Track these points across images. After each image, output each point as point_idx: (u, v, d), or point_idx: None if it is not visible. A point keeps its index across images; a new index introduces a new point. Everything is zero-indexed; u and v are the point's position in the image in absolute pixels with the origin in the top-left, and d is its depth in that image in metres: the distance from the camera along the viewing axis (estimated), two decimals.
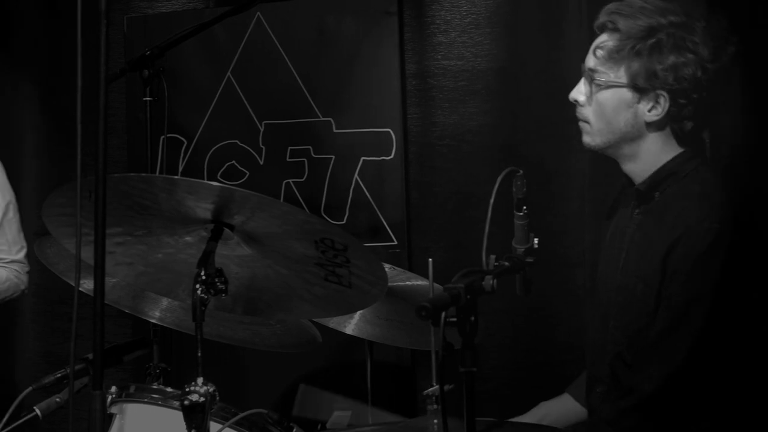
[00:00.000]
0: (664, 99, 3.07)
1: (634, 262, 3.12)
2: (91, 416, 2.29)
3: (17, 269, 4.49)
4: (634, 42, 3.06)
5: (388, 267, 3.79)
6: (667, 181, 3.11)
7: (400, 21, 4.96)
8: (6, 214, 4.51)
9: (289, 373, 5.01)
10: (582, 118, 3.21)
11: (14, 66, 5.60)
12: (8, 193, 4.57)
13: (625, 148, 3.17)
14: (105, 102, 2.34)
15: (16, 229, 4.53)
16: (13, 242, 4.51)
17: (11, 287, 4.48)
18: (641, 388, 3.01)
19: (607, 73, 3.12)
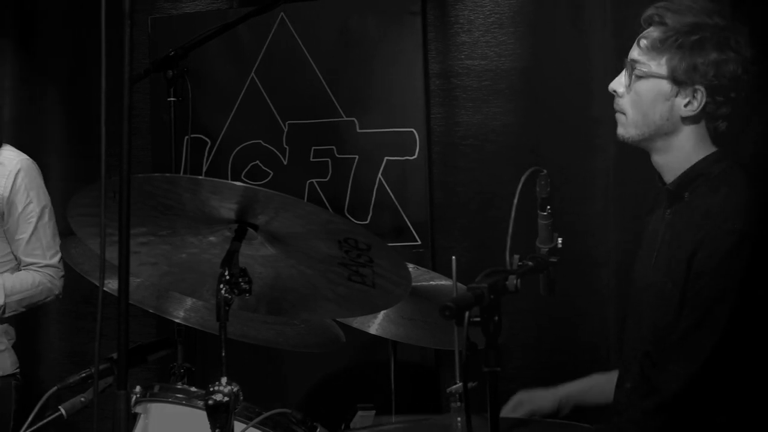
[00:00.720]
0: (701, 94, 3.06)
1: (664, 261, 3.12)
2: (116, 416, 2.29)
3: (51, 274, 4.49)
4: (678, 36, 3.05)
5: (412, 267, 3.79)
6: (697, 181, 3.10)
7: (423, 21, 4.96)
8: (41, 218, 4.51)
9: (313, 373, 5.02)
10: (619, 109, 3.20)
11: (39, 67, 5.63)
12: (44, 197, 4.57)
13: (659, 142, 3.15)
14: (129, 103, 2.35)
15: (51, 234, 4.54)
16: (47, 247, 4.51)
17: (44, 291, 4.49)
18: (665, 387, 3.00)
19: (648, 64, 3.11)
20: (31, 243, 4.48)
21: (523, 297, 2.48)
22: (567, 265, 2.79)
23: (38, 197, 4.53)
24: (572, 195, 4.61)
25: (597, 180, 4.67)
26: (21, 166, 4.51)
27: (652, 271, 3.15)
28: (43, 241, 4.51)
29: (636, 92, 3.14)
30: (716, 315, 2.94)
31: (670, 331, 3.02)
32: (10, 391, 4.52)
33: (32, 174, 4.55)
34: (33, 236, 4.48)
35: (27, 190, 4.47)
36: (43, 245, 4.51)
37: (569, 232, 2.81)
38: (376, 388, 4.28)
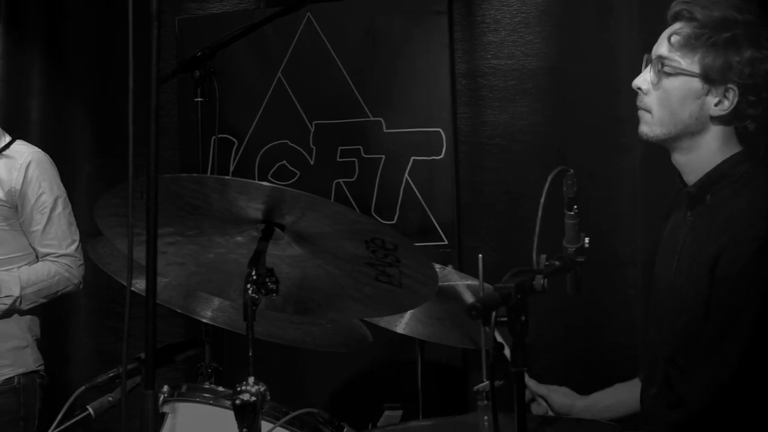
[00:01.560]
0: (733, 93, 3.00)
1: (686, 265, 3.08)
2: (144, 415, 2.30)
3: (68, 263, 4.51)
4: (710, 32, 2.99)
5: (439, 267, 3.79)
6: (720, 183, 3.05)
7: (449, 20, 4.96)
8: (54, 208, 4.53)
9: (339, 373, 5.03)
10: (643, 106, 3.14)
11: (66, 68, 5.65)
12: (57, 188, 4.59)
13: (685, 141, 3.09)
14: (156, 103, 2.36)
15: (66, 224, 4.56)
16: (62, 237, 4.53)
17: (61, 281, 4.51)
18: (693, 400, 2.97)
19: (679, 61, 3.04)
20: (45, 234, 4.50)
21: (549, 297, 2.48)
22: (594, 265, 2.78)
23: (51, 188, 4.55)
24: (599, 194, 4.60)
25: (624, 179, 4.66)
26: (32, 158, 4.54)
27: (674, 275, 3.12)
28: (57, 231, 4.53)
29: (664, 90, 3.08)
30: (741, 324, 2.90)
31: (696, 338, 2.99)
32: (35, 389, 4.53)
33: (43, 165, 4.57)
34: (47, 227, 4.51)
35: (39, 181, 4.49)
36: (59, 235, 4.53)
37: (596, 232, 2.81)
38: (403, 388, 4.28)
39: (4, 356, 4.47)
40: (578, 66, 4.78)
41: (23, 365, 4.51)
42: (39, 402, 4.54)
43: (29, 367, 4.53)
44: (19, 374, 4.49)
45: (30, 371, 4.54)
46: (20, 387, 4.48)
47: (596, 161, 4.67)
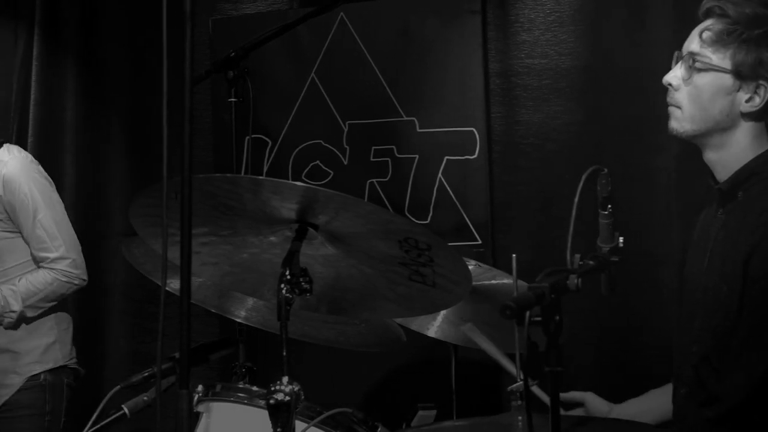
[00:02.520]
0: (764, 90, 2.99)
1: (718, 263, 3.06)
2: (178, 415, 2.31)
3: (62, 267, 4.45)
4: (742, 29, 2.98)
5: (473, 264, 3.78)
6: (750, 180, 3.03)
7: (483, 20, 4.95)
8: (37, 211, 4.46)
9: (373, 372, 5.03)
10: (673, 102, 3.12)
11: (100, 69, 5.68)
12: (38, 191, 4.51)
13: (715, 138, 3.08)
14: (190, 104, 2.36)
15: (53, 225, 4.48)
16: (51, 238, 4.47)
17: (61, 286, 4.47)
18: (727, 397, 2.96)
19: (710, 57, 3.03)
20: (34, 238, 4.47)
21: (584, 296, 2.47)
22: (628, 265, 2.77)
23: (31, 192, 4.48)
24: (634, 194, 4.59)
25: (659, 178, 4.64)
26: (8, 166, 4.48)
27: (706, 273, 3.10)
28: (44, 234, 4.47)
29: (695, 86, 3.06)
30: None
31: (730, 337, 2.97)
32: (62, 387, 4.55)
33: (21, 171, 4.50)
34: (34, 231, 4.46)
35: (19, 186, 4.45)
36: (46, 238, 4.47)
37: (630, 231, 2.79)
38: (437, 388, 4.28)
39: (32, 353, 4.50)
40: (612, 65, 4.76)
41: (51, 361, 4.53)
42: (65, 401, 4.56)
43: (58, 362, 4.54)
44: (47, 371, 4.50)
45: (59, 366, 4.55)
46: (46, 384, 4.50)
47: (631, 160, 4.65)
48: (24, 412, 4.47)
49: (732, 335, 2.96)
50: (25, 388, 4.47)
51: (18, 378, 4.47)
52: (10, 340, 4.48)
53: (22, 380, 4.47)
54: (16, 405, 4.46)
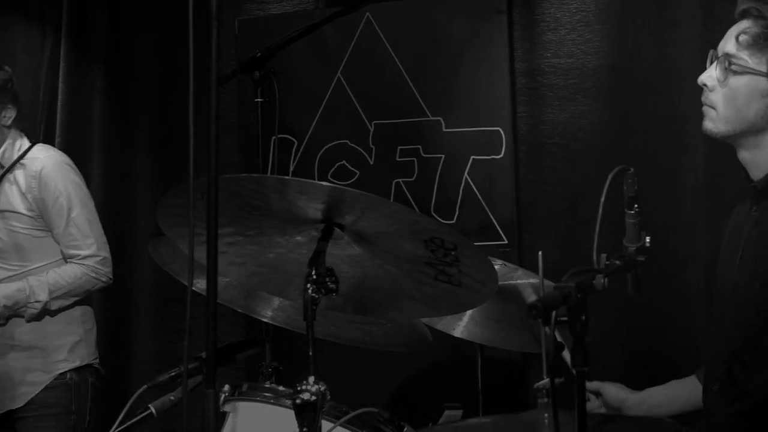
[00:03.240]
0: None
1: (751, 260, 3.05)
2: (205, 414, 2.31)
3: (93, 264, 4.53)
4: None
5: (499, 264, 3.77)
6: None
7: (509, 19, 4.94)
8: (72, 210, 4.53)
9: (399, 372, 5.03)
10: (708, 103, 3.11)
11: (127, 69, 5.70)
12: (74, 189, 4.59)
13: (749, 138, 3.07)
14: (216, 104, 2.37)
15: (86, 224, 4.56)
16: (83, 236, 4.54)
17: (89, 281, 4.54)
18: (755, 392, 2.95)
19: (746, 60, 3.02)
20: (66, 235, 4.52)
21: (610, 296, 2.46)
22: (655, 264, 2.76)
23: (66, 190, 4.54)
24: (660, 193, 4.57)
25: (685, 178, 4.63)
26: (45, 163, 4.55)
27: (738, 270, 3.09)
28: (77, 232, 4.53)
29: (731, 88, 3.05)
30: None
31: (760, 335, 2.96)
32: (87, 386, 4.57)
33: (56, 169, 4.57)
34: (67, 229, 4.52)
35: (54, 185, 4.51)
36: (79, 236, 4.54)
37: (657, 231, 2.79)
38: (463, 387, 4.28)
39: (60, 351, 4.52)
40: (639, 64, 4.75)
41: (78, 359, 4.56)
42: (90, 401, 4.58)
43: (84, 360, 4.59)
44: (73, 369, 4.52)
45: (84, 364, 4.58)
46: (72, 383, 4.53)
47: (657, 160, 4.64)
48: (51, 410, 4.49)
49: (762, 333, 2.95)
50: (51, 387, 4.50)
51: (45, 376, 4.50)
52: (37, 337, 4.51)
53: (50, 378, 4.50)
54: (43, 403, 4.49)
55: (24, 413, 4.50)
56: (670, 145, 4.64)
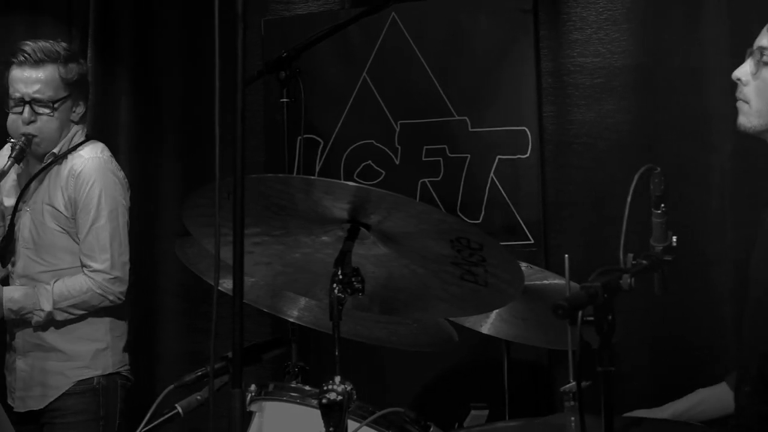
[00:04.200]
0: None
1: None
2: (231, 414, 2.32)
3: (101, 280, 4.41)
4: None
5: (525, 265, 3.77)
6: None
7: (535, 19, 4.93)
8: (97, 219, 4.44)
9: (425, 372, 5.02)
10: (742, 97, 3.10)
11: (153, 69, 5.71)
12: (105, 200, 4.47)
13: None
14: (242, 104, 2.37)
15: (106, 237, 4.44)
16: (101, 250, 4.43)
17: (94, 297, 4.43)
18: None
19: None
20: (85, 243, 4.44)
21: (637, 296, 2.46)
22: (682, 264, 2.75)
23: (99, 198, 4.45)
24: (687, 193, 4.55)
25: (713, 177, 4.61)
26: (85, 164, 4.47)
27: None
28: (95, 243, 4.43)
29: (763, 80, 3.04)
30: None
31: None
32: (116, 389, 4.53)
33: (96, 173, 4.48)
34: (87, 236, 4.44)
35: (89, 188, 4.43)
36: (95, 247, 4.43)
37: (684, 231, 2.78)
38: (490, 387, 4.27)
39: (82, 357, 4.48)
40: (665, 63, 4.73)
41: (101, 367, 4.50)
42: (121, 403, 4.54)
43: (107, 369, 4.51)
44: (98, 375, 4.51)
45: (108, 373, 4.53)
46: (100, 387, 4.48)
47: (684, 159, 4.62)
48: (78, 417, 4.46)
49: None
50: (76, 392, 4.46)
51: (65, 380, 4.46)
52: (62, 340, 4.49)
53: (70, 383, 4.46)
54: (70, 410, 4.46)
55: (51, 419, 4.47)
56: (697, 144, 4.62)
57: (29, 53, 4.41)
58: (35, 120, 4.40)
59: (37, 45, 4.44)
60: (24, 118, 4.39)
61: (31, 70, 4.41)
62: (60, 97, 4.43)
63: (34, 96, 4.39)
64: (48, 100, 4.41)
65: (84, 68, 4.58)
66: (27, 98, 4.40)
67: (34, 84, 4.40)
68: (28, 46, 4.43)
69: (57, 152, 4.49)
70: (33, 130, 4.41)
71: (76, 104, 4.51)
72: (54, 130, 4.45)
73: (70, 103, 4.48)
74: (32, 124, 4.41)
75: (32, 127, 4.41)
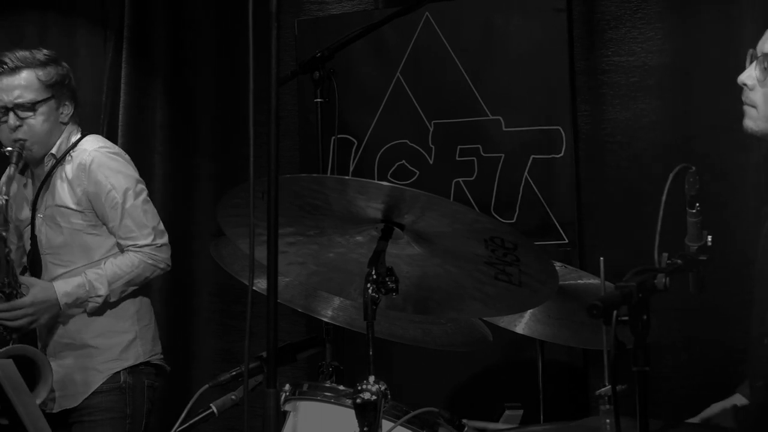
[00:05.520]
0: None
1: None
2: (266, 413, 2.33)
3: (150, 251, 4.51)
4: None
5: (559, 265, 3.76)
6: None
7: (569, 18, 4.92)
8: (125, 201, 4.49)
9: (459, 372, 5.02)
10: (749, 102, 3.12)
11: (188, 71, 5.73)
12: (125, 180, 4.53)
13: None
14: (276, 104, 2.38)
15: (140, 213, 4.52)
16: (139, 227, 4.50)
17: (147, 269, 4.52)
18: None
19: None
20: (122, 228, 4.49)
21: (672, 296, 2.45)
22: (717, 264, 2.74)
23: (118, 182, 4.50)
24: (723, 192, 4.53)
25: (748, 176, 4.58)
26: (93, 156, 4.51)
27: None
28: (132, 223, 4.50)
29: None
30: None
31: None
32: (142, 389, 4.55)
33: (106, 161, 4.53)
34: (123, 221, 4.49)
35: (105, 177, 4.47)
36: (134, 227, 4.50)
37: (719, 230, 2.77)
38: (524, 388, 4.26)
39: (113, 350, 4.52)
40: (700, 61, 4.71)
41: (132, 358, 4.53)
42: (147, 402, 4.56)
43: (138, 359, 4.55)
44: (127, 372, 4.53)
45: (139, 363, 4.57)
46: (126, 387, 4.51)
47: (719, 158, 4.60)
48: (105, 415, 4.49)
49: None
50: (103, 391, 4.48)
51: (99, 375, 4.49)
52: (91, 336, 4.51)
53: (104, 377, 4.48)
54: (97, 408, 4.48)
55: (80, 417, 4.50)
56: (732, 143, 4.59)
57: (5, 62, 4.48)
58: (21, 124, 4.46)
59: (13, 54, 4.51)
60: (10, 125, 4.46)
61: (9, 78, 4.47)
62: (41, 98, 4.48)
63: (16, 101, 4.45)
64: (29, 103, 4.46)
65: (64, 70, 4.61)
66: (9, 105, 4.46)
67: (14, 90, 4.46)
68: (4, 56, 4.50)
69: (56, 153, 4.53)
70: (22, 135, 4.47)
71: (62, 105, 4.56)
72: (43, 132, 4.50)
73: (54, 103, 4.53)
74: (19, 129, 4.46)
75: (20, 132, 4.47)
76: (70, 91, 4.61)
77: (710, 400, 3.61)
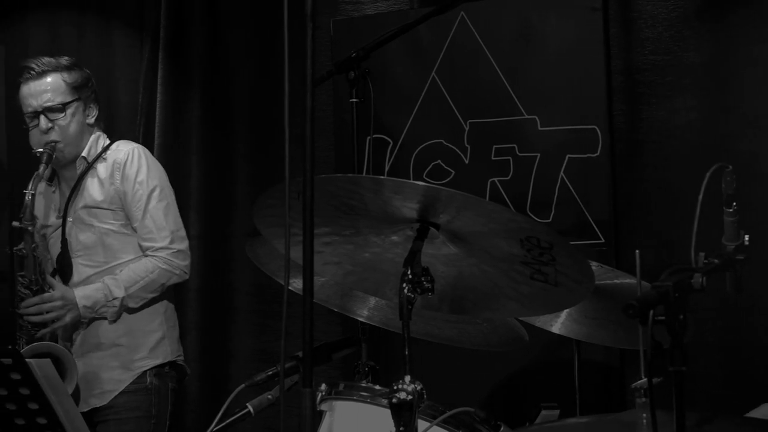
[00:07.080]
0: None
1: None
2: (302, 413, 2.33)
3: (166, 256, 4.51)
4: None
5: (595, 265, 3.75)
6: None
7: (605, 17, 4.90)
8: (149, 201, 4.53)
9: (495, 372, 5.01)
10: None
11: (225, 71, 5.75)
12: (152, 180, 4.57)
13: None
14: (311, 104, 2.38)
15: (161, 215, 4.55)
16: (159, 228, 4.53)
17: (162, 275, 4.52)
18: None
19: None
20: (142, 227, 4.53)
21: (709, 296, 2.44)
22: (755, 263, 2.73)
23: (146, 182, 4.55)
24: (760, 191, 4.51)
25: None
26: (127, 156, 4.56)
27: None
28: (152, 224, 4.53)
29: None
30: None
31: None
32: (167, 391, 4.58)
33: (138, 161, 4.57)
34: (143, 220, 4.52)
35: (135, 176, 4.52)
36: (154, 228, 4.53)
37: (757, 229, 2.76)
38: (560, 387, 4.26)
39: (141, 348, 4.55)
40: (737, 60, 4.69)
41: (160, 356, 4.58)
42: (170, 405, 4.60)
43: (167, 357, 4.60)
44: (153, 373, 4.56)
45: (167, 362, 4.60)
46: (152, 387, 4.54)
47: (756, 157, 4.58)
48: (131, 414, 4.52)
49: None
50: (130, 391, 4.51)
51: (128, 374, 4.52)
52: (121, 335, 4.54)
53: (133, 376, 4.51)
54: (123, 407, 4.51)
55: (106, 416, 4.53)
56: None
57: (32, 68, 4.55)
58: (53, 126, 4.51)
59: (38, 60, 4.58)
60: (42, 127, 4.50)
61: (37, 83, 4.54)
62: (69, 100, 4.54)
63: (45, 105, 4.51)
64: (59, 105, 4.52)
65: (87, 74, 4.67)
66: (39, 109, 4.51)
67: (43, 94, 4.52)
68: (30, 63, 4.57)
69: (87, 156, 4.57)
70: (54, 136, 4.51)
71: (88, 107, 4.62)
72: (74, 133, 4.55)
73: (81, 106, 4.59)
74: (51, 131, 4.51)
75: (52, 133, 4.51)
76: (94, 93, 4.66)
77: (747, 400, 3.59)
